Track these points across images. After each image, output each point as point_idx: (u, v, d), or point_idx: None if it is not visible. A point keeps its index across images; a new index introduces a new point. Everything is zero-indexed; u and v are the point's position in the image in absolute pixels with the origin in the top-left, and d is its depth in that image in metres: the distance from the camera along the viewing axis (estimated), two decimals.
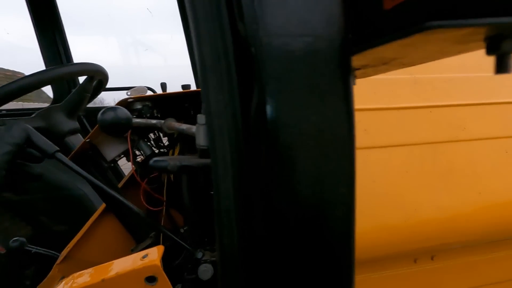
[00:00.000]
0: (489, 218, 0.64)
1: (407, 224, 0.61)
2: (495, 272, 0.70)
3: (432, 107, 0.69)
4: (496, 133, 0.68)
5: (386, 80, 0.71)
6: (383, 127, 0.64)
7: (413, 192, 0.62)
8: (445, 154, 0.65)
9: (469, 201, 0.63)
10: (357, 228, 0.58)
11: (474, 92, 0.71)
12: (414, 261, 0.67)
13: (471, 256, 0.69)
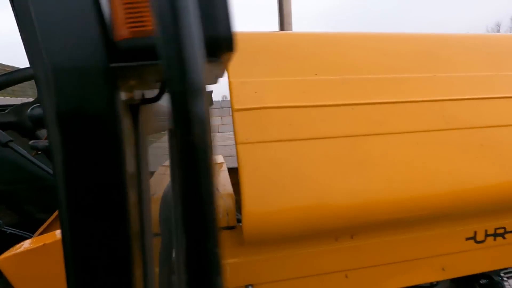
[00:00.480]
0: (400, 203, 0.74)
1: (329, 206, 0.71)
2: (407, 251, 0.80)
3: (355, 105, 0.78)
4: (408, 128, 0.77)
5: (317, 81, 0.80)
6: (308, 122, 0.74)
7: (334, 178, 0.71)
8: (364, 146, 0.75)
9: (383, 188, 0.73)
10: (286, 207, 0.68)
11: (391, 91, 0.80)
12: (336, 239, 0.77)
13: (386, 236, 0.78)
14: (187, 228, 0.23)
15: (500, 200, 0.79)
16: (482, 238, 0.84)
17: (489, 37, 1.03)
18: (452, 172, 0.76)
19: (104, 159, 0.29)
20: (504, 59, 0.94)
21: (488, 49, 0.96)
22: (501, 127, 0.81)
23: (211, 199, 0.23)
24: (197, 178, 0.23)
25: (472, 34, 1.03)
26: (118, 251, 0.31)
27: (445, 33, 1.05)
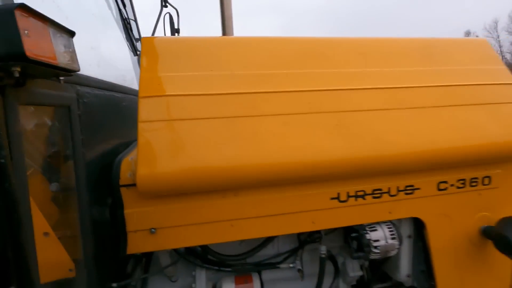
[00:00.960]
0: (268, 168, 0.97)
1: (211, 170, 0.93)
2: (282, 207, 1.03)
3: (237, 94, 1.01)
4: (279, 111, 1.01)
5: (210, 75, 1.04)
6: (196, 106, 0.97)
7: (215, 149, 0.94)
8: (241, 124, 0.98)
9: (253, 156, 0.96)
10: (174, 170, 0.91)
11: (270, 83, 1.04)
12: (223, 197, 1.01)
13: (264, 195, 1.02)
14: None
15: (352, 167, 1.02)
16: (344, 198, 1.08)
17: (365, 40, 1.25)
18: (313, 144, 1.00)
19: None
20: (370, 58, 1.17)
21: (361, 49, 1.19)
22: (352, 112, 1.05)
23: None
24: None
25: (351, 38, 1.25)
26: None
27: (329, 37, 1.27)
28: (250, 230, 1.04)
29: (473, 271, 1.27)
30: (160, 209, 0.97)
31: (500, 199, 1.24)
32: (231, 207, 1.02)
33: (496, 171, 1.22)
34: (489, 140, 1.13)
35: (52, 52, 0.51)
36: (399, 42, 1.28)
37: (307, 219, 1.07)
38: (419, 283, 1.28)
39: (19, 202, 0.51)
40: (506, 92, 1.21)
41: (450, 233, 1.22)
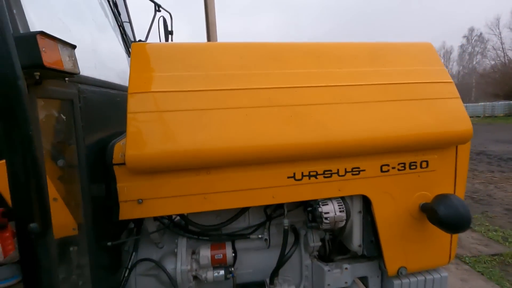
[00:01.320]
0: (232, 152, 1.19)
1: (191, 151, 1.16)
2: (248, 183, 1.26)
3: (209, 90, 1.24)
4: (242, 104, 1.23)
5: (187, 75, 1.26)
6: (175, 100, 1.19)
7: (189, 135, 1.16)
8: (211, 115, 1.20)
9: (220, 141, 1.18)
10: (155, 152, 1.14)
11: (236, 82, 1.26)
12: (197, 174, 1.23)
13: (232, 173, 1.24)
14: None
15: (303, 151, 1.24)
16: (299, 177, 1.31)
17: (321, 44, 1.47)
18: (270, 132, 1.22)
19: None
20: (324, 60, 1.38)
21: (317, 53, 1.41)
22: (305, 105, 1.26)
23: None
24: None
25: (309, 43, 1.46)
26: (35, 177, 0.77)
27: (289, 42, 1.48)
28: (220, 202, 1.27)
29: (415, 241, 1.49)
30: (145, 184, 1.20)
31: (437, 180, 1.46)
32: (204, 183, 1.24)
33: (433, 156, 1.43)
34: (423, 130, 1.34)
35: (60, 61, 0.73)
36: (351, 46, 1.49)
37: (268, 194, 1.30)
38: (369, 251, 1.51)
39: (39, 165, 0.74)
40: (441, 89, 1.42)
41: (393, 209, 1.44)
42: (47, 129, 1.01)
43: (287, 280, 1.54)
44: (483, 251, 3.39)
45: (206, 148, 1.17)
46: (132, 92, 1.18)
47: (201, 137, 1.17)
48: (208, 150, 1.18)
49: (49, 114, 1.00)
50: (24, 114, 0.68)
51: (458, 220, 1.27)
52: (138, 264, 1.38)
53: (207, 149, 1.17)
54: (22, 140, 0.69)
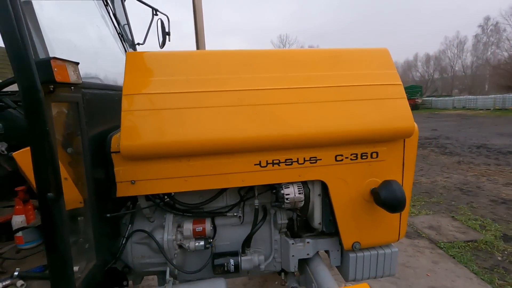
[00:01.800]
0: (209, 142, 1.46)
1: (173, 142, 1.44)
2: (221, 168, 1.53)
3: (188, 92, 1.50)
4: (216, 104, 1.49)
5: (171, 80, 1.52)
6: (160, 100, 1.46)
7: (172, 129, 1.44)
8: (190, 113, 1.47)
9: (198, 135, 1.45)
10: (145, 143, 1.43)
11: (212, 85, 1.52)
12: (179, 161, 1.51)
13: (208, 160, 1.52)
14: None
15: (266, 142, 1.51)
16: (264, 164, 1.57)
17: (287, 51, 1.70)
18: (238, 126, 1.48)
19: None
20: (289, 65, 1.63)
21: (283, 59, 1.65)
22: (269, 105, 1.52)
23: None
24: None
25: (277, 50, 1.70)
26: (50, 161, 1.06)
27: (259, 49, 1.72)
28: (198, 184, 1.55)
29: (367, 220, 1.76)
30: (137, 168, 1.49)
31: (386, 168, 1.71)
32: (185, 168, 1.52)
33: (382, 148, 1.68)
34: (372, 126, 1.59)
35: (67, 76, 1.01)
36: (314, 52, 1.73)
37: (238, 178, 1.57)
38: (327, 228, 1.78)
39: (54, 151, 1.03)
40: (390, 90, 1.65)
41: (347, 192, 1.70)
42: (60, 125, 1.29)
43: (257, 251, 1.83)
44: (459, 237, 3.62)
45: (186, 140, 1.45)
46: (126, 94, 1.45)
47: (182, 131, 1.45)
48: (188, 142, 1.45)
49: (61, 113, 1.29)
50: (43, 115, 0.96)
51: (395, 202, 1.52)
52: (134, 234, 1.69)
53: (187, 140, 1.45)
54: (42, 133, 0.97)
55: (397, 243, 3.50)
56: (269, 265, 1.88)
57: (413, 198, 5.09)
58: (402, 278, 2.81)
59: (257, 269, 1.80)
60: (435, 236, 3.68)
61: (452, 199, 4.99)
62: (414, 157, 1.77)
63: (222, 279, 1.67)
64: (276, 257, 1.89)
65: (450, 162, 7.72)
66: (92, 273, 1.35)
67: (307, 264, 1.91)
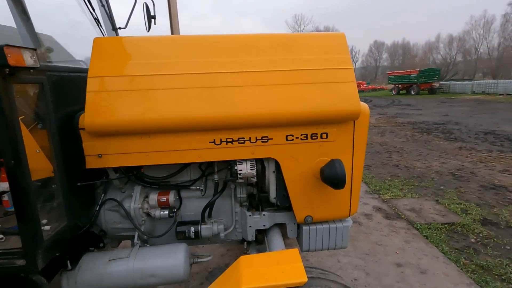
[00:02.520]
0: (166, 121, 1.62)
1: (133, 121, 1.60)
2: (180, 145, 1.69)
3: (149, 75, 1.64)
4: (173, 86, 1.63)
5: (135, 63, 1.67)
6: (124, 82, 1.62)
7: (134, 108, 1.60)
8: (149, 94, 1.62)
9: (156, 114, 1.61)
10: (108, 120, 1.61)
11: (168, 68, 1.65)
12: (141, 137, 1.68)
13: (168, 137, 1.68)
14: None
15: (217, 122, 1.65)
16: (218, 142, 1.72)
17: (244, 36, 1.80)
18: (191, 107, 1.62)
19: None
20: (243, 50, 1.73)
21: (239, 44, 1.75)
22: (221, 87, 1.65)
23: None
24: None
25: (234, 35, 1.80)
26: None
27: (217, 35, 1.82)
28: (159, 159, 1.72)
29: (319, 196, 1.90)
30: (103, 143, 1.67)
31: (336, 148, 1.83)
32: (146, 144, 1.69)
33: (332, 129, 1.79)
34: (320, 108, 1.69)
35: (22, 60, 1.17)
36: (269, 37, 1.82)
37: (195, 155, 1.73)
38: (281, 202, 1.94)
39: (15, 125, 1.21)
40: (340, 74, 1.74)
41: (298, 170, 1.84)
42: (30, 103, 1.48)
43: (219, 221, 2.02)
44: (437, 220, 3.72)
45: (145, 118, 1.60)
46: (91, 76, 1.61)
47: (141, 111, 1.60)
48: (146, 120, 1.61)
49: (29, 93, 1.47)
50: (2, 94, 1.14)
51: (335, 179, 1.65)
52: (106, 202, 1.90)
53: (146, 119, 1.61)
54: (3, 109, 1.15)
55: (375, 223, 3.65)
56: (231, 234, 2.07)
57: (402, 182, 5.16)
58: (371, 255, 2.98)
59: (218, 237, 1.99)
60: (414, 218, 3.79)
61: (442, 183, 5.03)
62: (365, 138, 1.87)
63: (184, 244, 1.88)
64: (237, 228, 2.08)
65: (451, 148, 7.64)
66: (62, 232, 1.58)
67: (265, 234, 2.09)
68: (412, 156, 6.91)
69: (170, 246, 1.87)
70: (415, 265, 2.80)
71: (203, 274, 2.72)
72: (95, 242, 1.99)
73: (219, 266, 2.83)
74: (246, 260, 1.43)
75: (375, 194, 4.67)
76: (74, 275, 1.70)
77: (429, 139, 9.01)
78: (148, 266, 1.75)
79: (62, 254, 1.65)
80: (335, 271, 2.69)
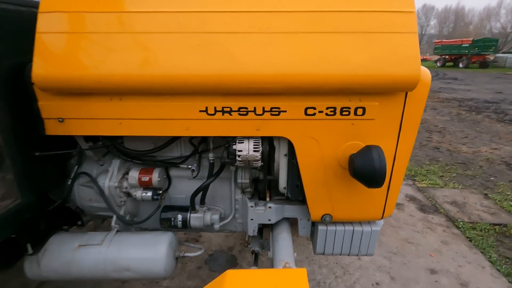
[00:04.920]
0: (140, 78, 1.18)
1: (96, 76, 1.18)
2: (162, 113, 1.27)
3: (117, 12, 1.18)
4: (149, 29, 1.16)
5: None
6: (86, 22, 1.18)
7: (96, 58, 1.17)
8: (117, 39, 1.17)
9: (128, 68, 1.17)
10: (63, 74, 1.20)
11: (142, 2, 1.17)
12: (110, 99, 1.27)
13: (145, 102, 1.26)
14: None
15: (210, 84, 1.18)
16: (212, 112, 1.27)
17: None
18: (177, 61, 1.17)
19: None
20: None
21: None
22: (215, 33, 1.15)
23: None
24: None
25: None
26: None
27: None
28: (134, 129, 1.32)
29: (343, 191, 1.43)
30: (64, 104, 1.28)
31: (375, 130, 1.31)
32: (118, 109, 1.29)
33: (372, 103, 1.26)
34: (360, 71, 1.16)
35: None
36: None
37: (181, 126, 1.31)
38: (294, 195, 1.50)
39: None
40: (393, 20, 1.16)
41: (319, 156, 1.36)
42: None
43: (213, 209, 1.65)
44: (485, 219, 3.12)
45: (113, 73, 1.18)
46: (42, 11, 1.19)
47: (108, 62, 1.18)
48: (112, 76, 1.18)
49: None
50: None
51: (370, 174, 1.16)
52: (81, 176, 1.58)
53: (114, 74, 1.18)
54: None
55: (406, 215, 3.14)
56: (229, 224, 1.70)
57: (443, 168, 4.47)
58: (399, 254, 2.52)
59: (211, 228, 1.63)
60: (455, 213, 3.21)
61: (493, 174, 4.28)
62: (418, 118, 1.32)
63: (168, 234, 1.53)
64: (237, 217, 1.70)
65: (505, 132, 6.58)
66: (15, 211, 1.28)
67: (271, 229, 1.69)
68: (456, 138, 6.04)
69: (153, 234, 1.54)
70: (454, 274, 2.31)
71: (203, 256, 2.45)
72: (72, 220, 1.71)
73: (222, 249, 2.54)
74: (234, 278, 1.05)
75: (409, 180, 4.07)
76: (38, 260, 1.44)
77: (479, 119, 7.88)
78: (123, 258, 1.44)
79: (20, 236, 1.37)
80: (354, 271, 2.29)
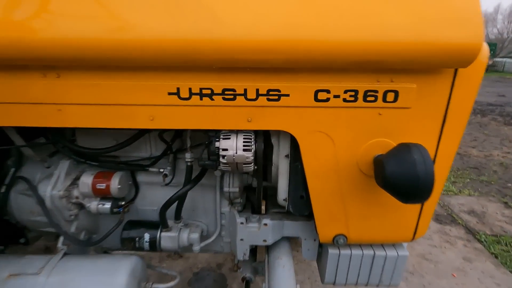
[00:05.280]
0: (83, 44, 0.83)
1: (24, 38, 0.82)
2: (116, 96, 0.91)
3: None
4: None
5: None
6: None
7: (28, 10, 0.81)
8: None
9: (66, 31, 0.82)
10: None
11: None
12: (44, 75, 0.91)
13: (93, 80, 0.90)
14: None
15: (180, 55, 0.83)
16: (186, 95, 0.91)
17: None
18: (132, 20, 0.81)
19: None
20: None
21: None
22: None
23: None
24: None
25: None
26: None
27: None
28: (80, 118, 0.96)
29: (363, 205, 1.08)
30: None
31: (411, 122, 0.96)
32: (54, 89, 0.92)
33: (408, 84, 0.91)
34: (395, 37, 0.81)
35: None
36: None
37: (144, 114, 0.95)
38: (297, 209, 1.14)
39: None
40: None
41: (332, 157, 1.00)
42: None
43: (193, 224, 1.28)
44: (510, 231, 2.77)
45: (42, 37, 0.82)
46: None
47: (35, 21, 0.82)
48: (45, 41, 0.82)
49: None
50: None
51: (411, 184, 0.80)
52: (19, 181, 1.21)
53: (43, 38, 0.82)
54: None
55: None
56: (213, 244, 1.33)
57: (455, 173, 4.12)
58: (416, 274, 2.16)
59: (189, 249, 1.26)
60: (475, 224, 2.85)
61: (509, 180, 3.94)
62: (469, 108, 0.97)
63: (133, 258, 1.16)
64: (223, 236, 1.34)
65: None
66: None
67: (267, 252, 1.33)
68: (465, 141, 5.71)
69: (110, 259, 1.16)
70: None
71: (187, 275, 2.07)
72: (13, 237, 1.34)
73: (209, 266, 2.17)
74: None
75: None
76: None
77: (485, 122, 7.56)
78: None
79: None
80: None
